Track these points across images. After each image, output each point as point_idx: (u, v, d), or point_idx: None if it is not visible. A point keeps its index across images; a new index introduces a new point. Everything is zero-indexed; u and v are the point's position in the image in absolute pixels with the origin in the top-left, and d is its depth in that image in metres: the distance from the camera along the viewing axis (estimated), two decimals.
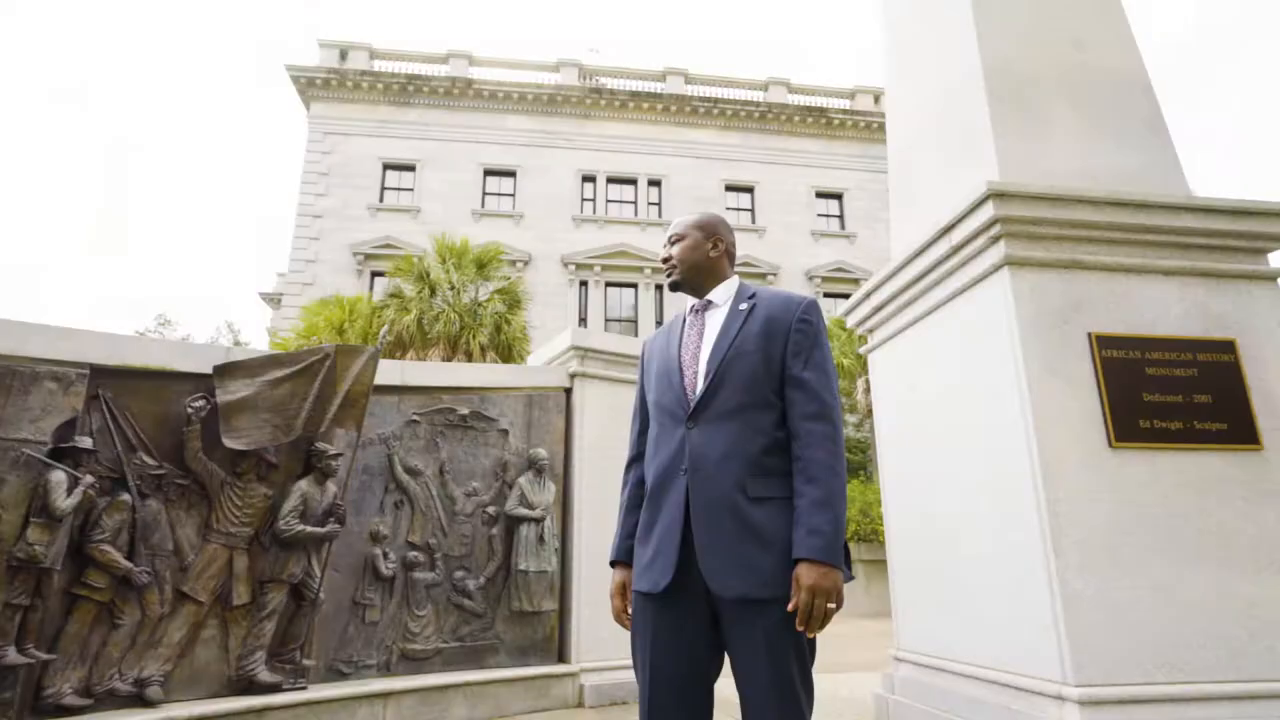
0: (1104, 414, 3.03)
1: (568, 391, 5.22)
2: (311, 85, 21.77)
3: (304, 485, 3.86)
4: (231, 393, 3.70)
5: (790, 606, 1.52)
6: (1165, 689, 2.75)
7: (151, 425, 3.66)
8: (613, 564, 1.87)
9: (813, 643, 1.62)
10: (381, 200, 21.27)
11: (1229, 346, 3.21)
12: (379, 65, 22.69)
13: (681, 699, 1.61)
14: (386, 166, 21.63)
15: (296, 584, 3.81)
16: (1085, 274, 3.23)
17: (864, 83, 25.86)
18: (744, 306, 1.80)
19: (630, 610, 1.77)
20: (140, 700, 3.38)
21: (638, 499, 1.86)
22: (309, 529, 3.80)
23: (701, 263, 1.90)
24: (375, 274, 20.20)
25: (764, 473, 1.63)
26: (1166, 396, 3.09)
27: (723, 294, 1.87)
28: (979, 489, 3.34)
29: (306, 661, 3.84)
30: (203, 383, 3.76)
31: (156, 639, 3.49)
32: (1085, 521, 2.89)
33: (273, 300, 24.94)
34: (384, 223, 20.92)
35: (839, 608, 1.53)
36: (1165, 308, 3.25)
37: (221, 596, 3.68)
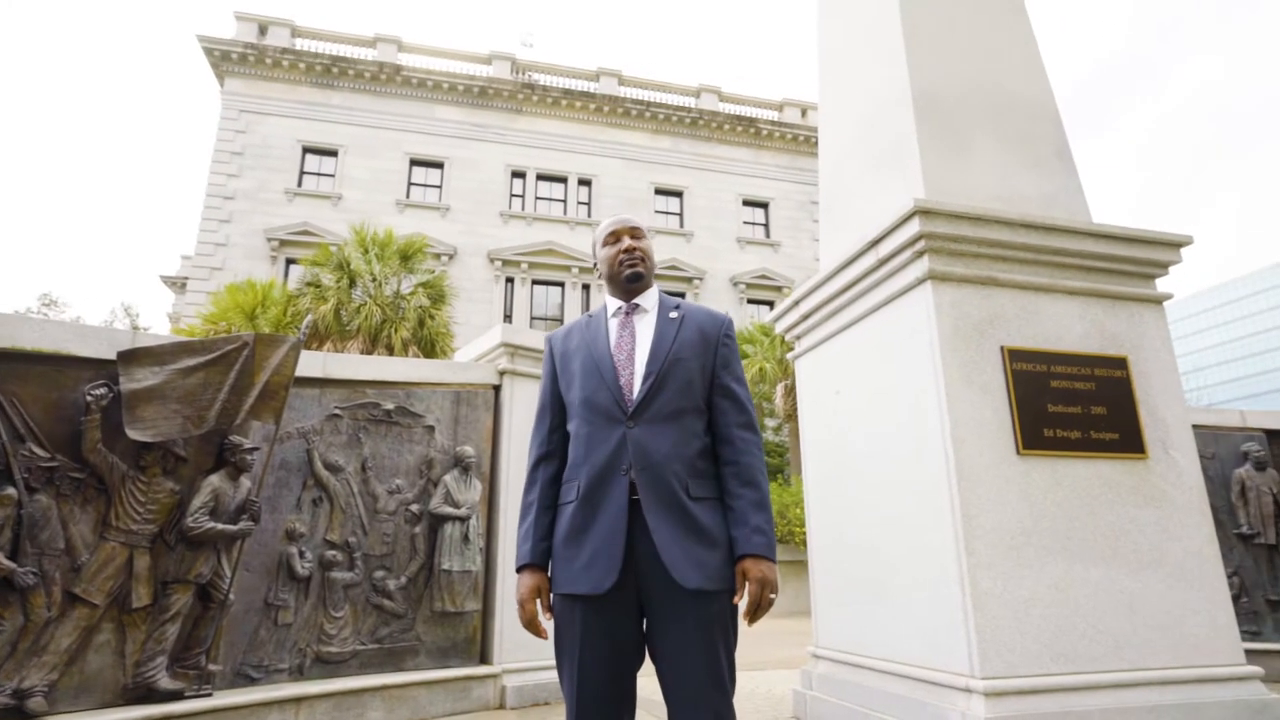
0: (1013, 423, 3.23)
1: (496, 389, 5.15)
2: (226, 59, 20.64)
3: (215, 480, 3.66)
4: (137, 380, 3.47)
5: (737, 598, 1.63)
6: (1058, 679, 2.96)
7: (43, 413, 3.38)
8: (524, 567, 1.74)
9: (737, 636, 1.73)
10: (300, 185, 20.37)
11: (1122, 363, 3.49)
12: (301, 44, 21.73)
13: (609, 699, 1.64)
14: (306, 150, 20.74)
15: (204, 584, 3.60)
16: (1000, 290, 3.44)
17: (792, 96, 26.61)
18: (674, 315, 1.87)
19: (550, 616, 1.73)
20: (20, 713, 3.12)
21: (551, 499, 1.81)
22: (220, 526, 3.60)
23: (654, 267, 1.99)
24: (291, 261, 19.32)
25: (699, 474, 1.73)
26: (1068, 408, 3.33)
27: (650, 300, 1.93)
28: (898, 492, 3.50)
29: (212, 666, 3.64)
30: (104, 369, 3.51)
31: (41, 645, 3.23)
32: (994, 524, 3.08)
33: (176, 284, 23.52)
34: (302, 208, 20.04)
35: (775, 597, 1.64)
36: (1068, 325, 3.49)
37: (119, 599, 3.44)
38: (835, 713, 3.70)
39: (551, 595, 1.73)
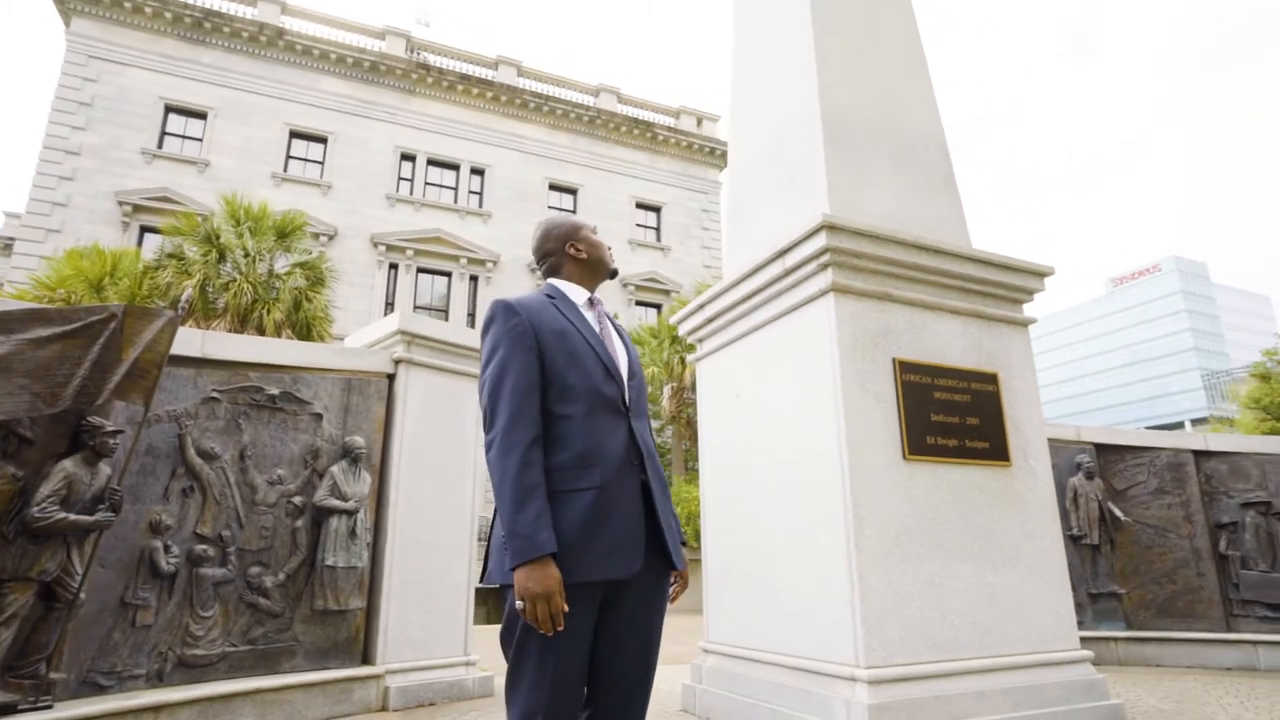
0: (901, 430, 3.48)
1: (390, 378, 4.94)
2: None
3: (69, 466, 3.27)
4: None
5: (675, 578, 1.82)
6: (932, 666, 3.21)
7: None
8: (547, 556, 1.51)
9: None
10: (160, 146, 18.59)
11: (993, 379, 3.83)
12: None
13: (578, 689, 1.60)
14: (170, 109, 18.95)
15: (49, 582, 3.21)
16: (894, 306, 3.69)
17: (689, 104, 27.18)
18: (618, 322, 1.95)
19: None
20: None
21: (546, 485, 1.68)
22: (73, 517, 3.22)
23: None
24: (147, 229, 17.59)
25: None
26: (947, 417, 3.62)
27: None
28: (793, 492, 3.66)
29: (54, 675, 3.25)
30: None
31: None
32: (882, 523, 3.29)
33: None
34: (162, 172, 18.29)
35: None
36: (950, 341, 3.80)
37: None
38: (725, 705, 3.82)
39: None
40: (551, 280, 1.94)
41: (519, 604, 1.48)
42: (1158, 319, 78.74)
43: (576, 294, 1.89)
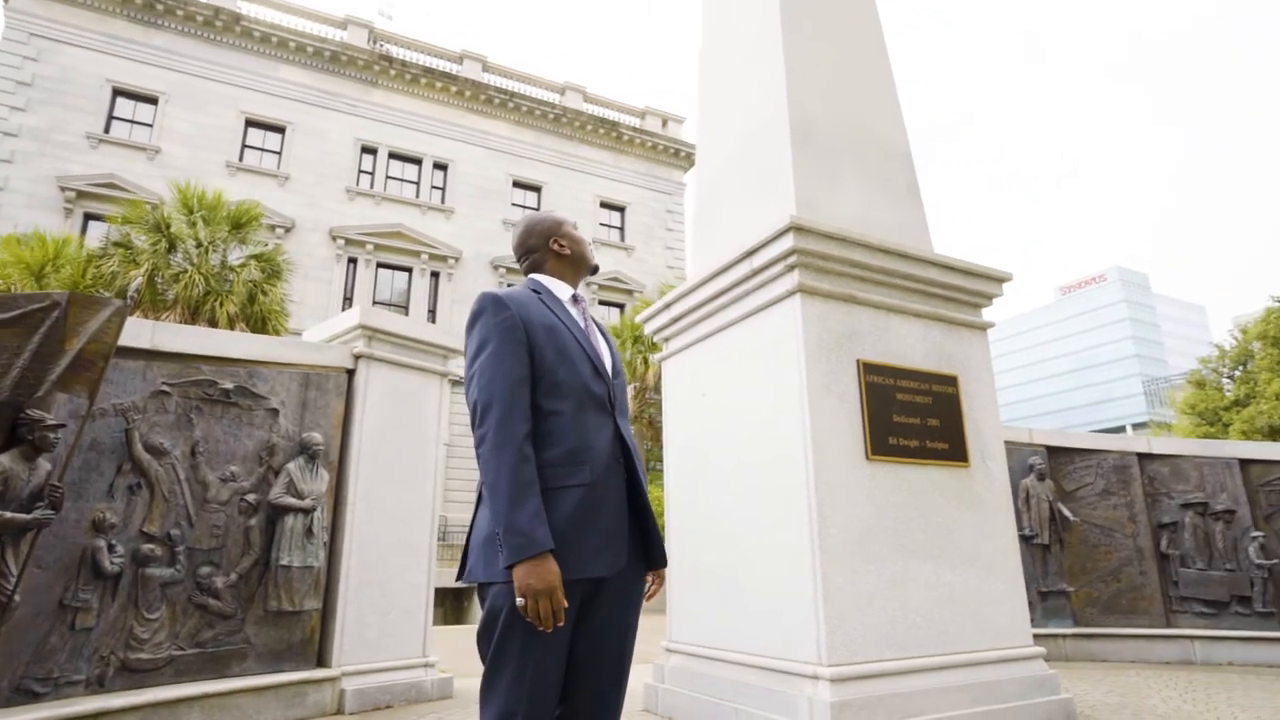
0: (864, 430, 3.52)
1: (350, 373, 4.82)
2: None
3: (5, 461, 3.09)
4: None
5: (654, 576, 1.81)
6: (891, 664, 3.25)
7: None
8: (548, 552, 1.48)
9: None
10: (107, 131, 17.89)
11: (953, 381, 3.91)
12: None
13: (556, 694, 1.57)
14: (118, 92, 18.26)
15: None
16: (858, 308, 3.73)
17: (655, 105, 27.21)
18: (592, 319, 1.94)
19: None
20: None
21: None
22: (8, 515, 3.05)
23: None
24: (91, 216, 16.92)
25: None
26: (909, 419, 3.67)
27: None
28: (758, 491, 3.68)
29: None
30: None
31: None
32: (845, 523, 3.33)
33: None
34: (109, 157, 17.61)
35: None
36: (912, 344, 3.86)
37: None
38: (687, 704, 3.82)
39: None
40: (534, 276, 1.91)
41: (520, 601, 1.44)
42: (1102, 326, 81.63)
43: (561, 290, 1.88)
